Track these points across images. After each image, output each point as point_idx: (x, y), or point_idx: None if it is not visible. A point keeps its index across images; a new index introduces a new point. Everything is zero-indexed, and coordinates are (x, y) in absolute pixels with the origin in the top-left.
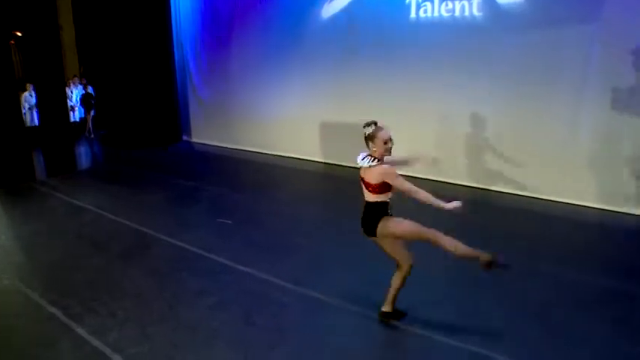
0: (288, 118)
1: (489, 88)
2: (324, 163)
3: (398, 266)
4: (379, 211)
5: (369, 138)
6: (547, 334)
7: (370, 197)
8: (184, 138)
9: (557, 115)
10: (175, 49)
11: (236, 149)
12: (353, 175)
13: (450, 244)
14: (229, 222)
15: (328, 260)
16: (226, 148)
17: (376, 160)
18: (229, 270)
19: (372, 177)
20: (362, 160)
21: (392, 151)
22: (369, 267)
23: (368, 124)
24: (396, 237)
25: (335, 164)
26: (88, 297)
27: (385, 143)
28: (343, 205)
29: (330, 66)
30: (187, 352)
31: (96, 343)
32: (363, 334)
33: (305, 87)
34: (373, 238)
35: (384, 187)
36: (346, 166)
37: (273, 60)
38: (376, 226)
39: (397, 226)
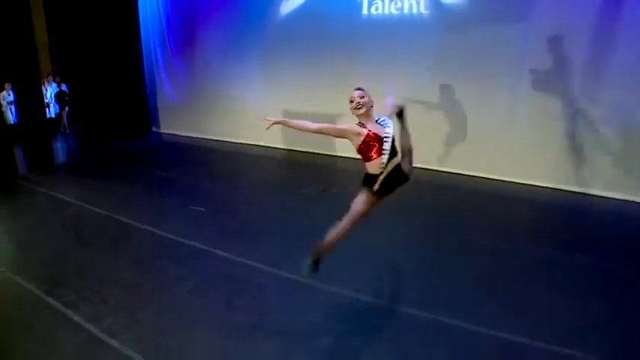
0: (252, 108)
1: (438, 79)
2: (287, 149)
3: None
4: (365, 180)
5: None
6: (495, 300)
7: (365, 166)
8: (154, 129)
9: (497, 103)
10: (143, 46)
11: (203, 139)
12: (314, 160)
13: (337, 234)
14: (202, 209)
15: (301, 243)
16: (194, 138)
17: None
18: (207, 255)
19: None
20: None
21: (361, 110)
22: (340, 248)
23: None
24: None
25: (297, 150)
26: (82, 286)
27: (351, 102)
28: (311, 192)
29: (289, 59)
30: (173, 336)
31: (93, 329)
32: (338, 311)
33: (266, 79)
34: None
35: (363, 147)
36: (307, 152)
37: (235, 53)
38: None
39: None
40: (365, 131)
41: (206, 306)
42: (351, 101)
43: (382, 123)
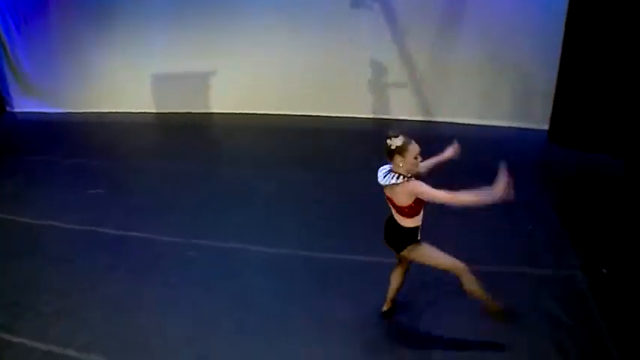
0: (119, 74)
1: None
2: (160, 113)
3: (400, 262)
4: (408, 238)
5: (397, 151)
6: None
7: (402, 221)
8: (8, 109)
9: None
10: None
11: (70, 113)
12: (189, 121)
13: (470, 283)
14: (101, 191)
15: (211, 210)
16: (59, 113)
17: (402, 177)
18: (126, 239)
19: (403, 197)
20: (384, 179)
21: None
22: (251, 208)
23: (395, 136)
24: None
25: (171, 112)
26: (6, 303)
27: (415, 158)
28: (197, 154)
29: (159, 18)
30: (126, 327)
31: (41, 346)
32: (270, 270)
33: (132, 41)
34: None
35: (416, 205)
36: (180, 113)
37: (95, 13)
38: (403, 249)
39: (424, 258)
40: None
41: (146, 289)
42: (416, 157)
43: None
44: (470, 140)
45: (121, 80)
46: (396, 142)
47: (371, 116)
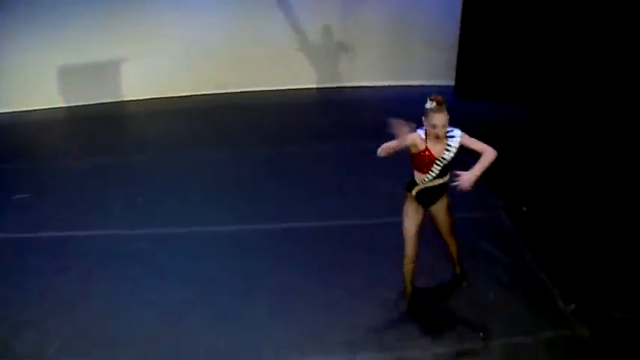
0: (20, 67)
1: None
2: (73, 106)
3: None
4: (408, 185)
5: (424, 112)
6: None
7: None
8: None
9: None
10: None
11: None
12: (101, 112)
13: (406, 255)
14: (27, 195)
15: (147, 199)
16: None
17: (423, 131)
18: (68, 240)
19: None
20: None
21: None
22: (186, 192)
23: (432, 99)
24: None
25: (81, 105)
26: None
27: (433, 127)
28: (117, 145)
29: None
30: (93, 327)
31: None
32: (222, 248)
33: (32, 31)
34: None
35: (415, 159)
36: (91, 104)
37: None
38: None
39: (403, 209)
40: (422, 147)
41: (104, 286)
42: (434, 126)
43: (448, 143)
44: (382, 101)
45: (30, 76)
46: (427, 104)
47: (290, 87)
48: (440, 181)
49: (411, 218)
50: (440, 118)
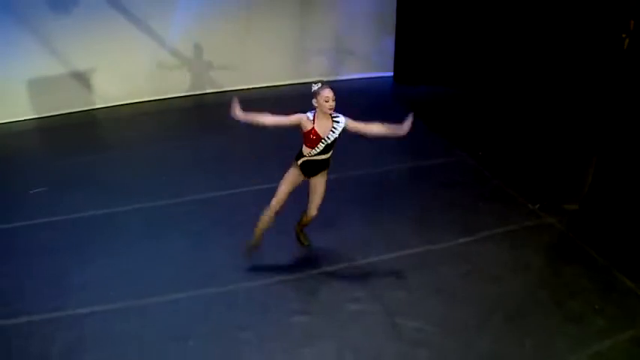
0: None
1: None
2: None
3: None
4: (297, 155)
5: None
6: None
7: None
8: None
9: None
10: None
11: None
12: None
13: (262, 221)
14: (44, 189)
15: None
16: None
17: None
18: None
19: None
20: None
21: (331, 111)
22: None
23: (315, 82)
24: None
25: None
26: None
27: (326, 101)
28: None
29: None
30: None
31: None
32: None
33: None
34: None
35: (305, 136)
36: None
37: None
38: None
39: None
40: (309, 127)
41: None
42: (327, 100)
43: (334, 126)
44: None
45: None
46: (314, 87)
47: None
48: (324, 156)
49: (289, 182)
50: (331, 93)
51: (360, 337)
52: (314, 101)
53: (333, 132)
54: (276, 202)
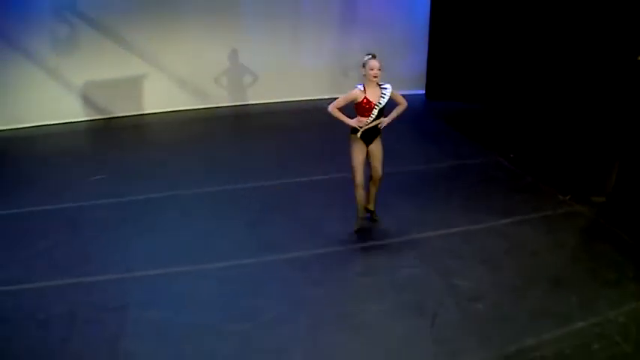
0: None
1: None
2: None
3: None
4: (352, 129)
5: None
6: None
7: None
8: None
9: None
10: None
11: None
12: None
13: (356, 184)
14: (104, 176)
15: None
16: None
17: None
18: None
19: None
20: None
21: (378, 79)
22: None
23: (367, 54)
24: None
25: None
26: None
27: (372, 69)
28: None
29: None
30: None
31: None
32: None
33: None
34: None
35: (356, 107)
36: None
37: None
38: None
39: (351, 150)
40: (362, 97)
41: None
42: (372, 69)
43: (382, 92)
44: None
45: (49, 91)
46: (365, 58)
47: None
48: (377, 122)
49: (357, 154)
50: (376, 63)
51: (420, 294)
52: (362, 70)
53: (383, 97)
54: (358, 178)
